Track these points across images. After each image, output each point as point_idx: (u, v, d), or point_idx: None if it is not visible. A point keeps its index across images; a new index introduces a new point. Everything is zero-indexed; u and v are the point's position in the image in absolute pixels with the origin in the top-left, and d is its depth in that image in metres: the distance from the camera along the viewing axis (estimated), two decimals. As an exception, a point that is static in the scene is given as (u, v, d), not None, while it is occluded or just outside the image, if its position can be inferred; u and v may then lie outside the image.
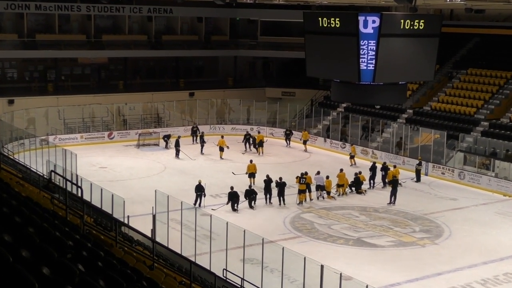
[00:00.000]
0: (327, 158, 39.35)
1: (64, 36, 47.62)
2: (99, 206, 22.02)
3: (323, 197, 30.45)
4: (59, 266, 8.36)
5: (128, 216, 22.35)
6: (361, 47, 18.30)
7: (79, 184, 22.61)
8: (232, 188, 28.24)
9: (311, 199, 29.96)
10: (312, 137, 43.57)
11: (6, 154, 32.24)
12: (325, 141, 42.51)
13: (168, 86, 50.93)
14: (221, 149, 38.34)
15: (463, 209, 29.95)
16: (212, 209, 27.30)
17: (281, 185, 29.17)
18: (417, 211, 29.03)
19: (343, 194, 31.15)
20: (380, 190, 32.45)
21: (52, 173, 21.82)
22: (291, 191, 29.82)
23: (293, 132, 43.44)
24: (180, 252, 18.63)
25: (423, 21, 18.96)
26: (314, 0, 43.59)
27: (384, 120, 42.36)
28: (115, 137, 43.11)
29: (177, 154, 38.26)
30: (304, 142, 41.78)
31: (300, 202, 29.41)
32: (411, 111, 42.54)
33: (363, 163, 36.06)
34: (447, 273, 22.16)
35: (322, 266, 17.32)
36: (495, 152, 35.45)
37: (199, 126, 44.25)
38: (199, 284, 14.26)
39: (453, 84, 43.25)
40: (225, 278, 18.19)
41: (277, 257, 18.51)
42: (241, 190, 28.91)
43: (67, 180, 19.92)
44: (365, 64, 18.43)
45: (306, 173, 30.02)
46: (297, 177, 29.73)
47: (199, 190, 28.23)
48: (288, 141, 43.06)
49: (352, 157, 37.66)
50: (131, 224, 20.02)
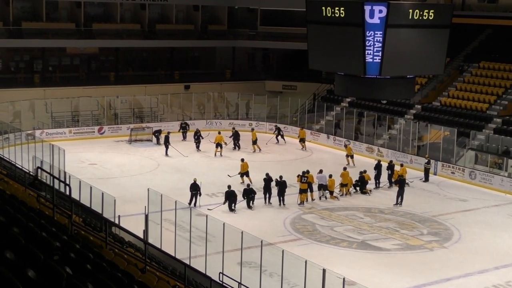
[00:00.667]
0: (330, 156, 39.36)
1: (52, 25, 47.55)
2: (88, 205, 21.99)
3: (326, 197, 30.48)
4: (46, 269, 8.36)
5: (119, 216, 22.36)
6: (367, 38, 18.29)
7: (67, 182, 22.58)
8: (230, 187, 28.27)
9: (313, 199, 29.99)
10: (315, 134, 43.60)
11: (-10, 150, 32.25)
12: (328, 138, 42.53)
13: (162, 79, 50.91)
14: (219, 146, 38.34)
15: (474, 211, 29.98)
16: (208, 209, 27.31)
17: (282, 184, 29.19)
18: (425, 213, 29.05)
19: (347, 194, 31.18)
20: (386, 190, 32.48)
21: (39, 170, 21.82)
22: (292, 191, 29.83)
23: (281, 129, 43.18)
24: (174, 255, 18.63)
25: (433, 11, 18.96)
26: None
27: (391, 116, 42.37)
28: (106, 132, 43.11)
29: (167, 151, 38.23)
30: (302, 140, 41.38)
31: (301, 202, 29.43)
32: (420, 107, 42.55)
33: (369, 162, 36.07)
34: (457, 279, 22.19)
35: (324, 270, 17.33)
36: (508, 151, 35.47)
37: (196, 121, 44.24)
38: (194, 289, 14.26)
39: (464, 78, 43.26)
40: (221, 283, 18.20)
41: (277, 261, 18.52)
42: (239, 189, 28.93)
43: (55, 178, 19.88)
44: (371, 57, 18.43)
45: (308, 172, 30.02)
46: (298, 176, 29.75)
47: (194, 189, 28.26)
48: (277, 139, 42.64)
49: (349, 157, 36.91)
50: (122, 225, 20.03)
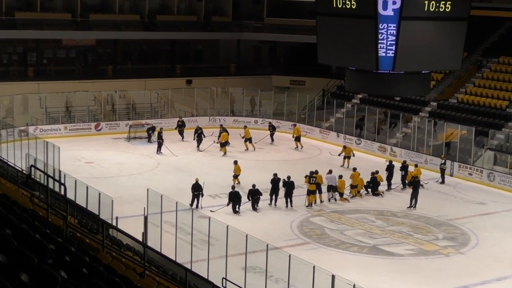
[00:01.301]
0: (341, 156, 39.27)
1: (47, 15, 47.62)
2: (84, 206, 22.06)
3: (335, 199, 30.48)
4: (39, 273, 8.39)
5: (117, 218, 22.38)
6: (380, 31, 18.25)
7: (62, 181, 22.65)
8: (233, 188, 28.31)
9: (322, 201, 29.99)
10: (324, 132, 43.60)
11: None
12: (338, 136, 42.53)
13: (163, 72, 50.96)
14: (225, 144, 38.24)
15: (493, 215, 29.94)
16: (211, 211, 27.36)
17: (289, 185, 29.20)
18: (441, 216, 29.03)
19: (357, 196, 31.17)
20: (399, 192, 32.46)
21: (32, 168, 21.87)
22: (300, 192, 29.83)
23: (275, 127, 42.93)
24: (175, 259, 18.65)
25: (450, 3, 18.90)
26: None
27: (405, 114, 42.32)
28: (103, 129, 43.17)
29: (159, 148, 38.26)
30: (297, 139, 40.95)
31: (309, 205, 29.44)
32: (435, 104, 42.50)
33: (381, 162, 36.05)
34: (474, 286, 22.16)
35: (333, 276, 17.34)
36: (529, 151, 35.44)
37: (199, 118, 44.26)
38: (195, 295, 14.30)
39: (483, 74, 43.19)
40: (224, 288, 18.25)
41: (283, 266, 18.54)
42: (244, 190, 28.94)
43: (49, 176, 19.94)
44: (384, 51, 18.39)
45: (317, 172, 30.03)
46: (306, 176, 29.75)
47: (196, 190, 28.29)
48: (272, 138, 42.33)
49: (347, 158, 36.39)
50: (120, 227, 20.05)
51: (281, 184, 29.37)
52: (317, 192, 29.78)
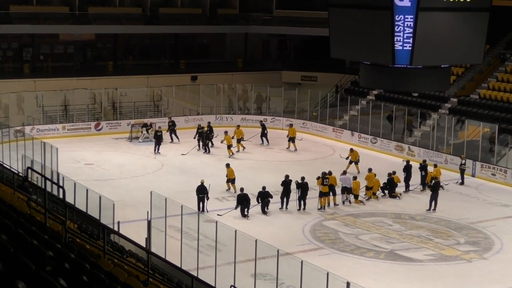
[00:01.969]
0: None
1: (43, 8, 47.78)
2: (84, 210, 22.11)
3: (350, 202, 30.46)
4: (37, 280, 8.41)
5: (119, 222, 22.45)
6: (396, 23, 18.24)
7: (61, 184, 22.72)
8: (242, 190, 28.29)
9: (336, 204, 29.97)
10: (337, 130, 43.58)
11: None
12: (353, 135, 42.50)
13: (166, 68, 51.06)
14: (230, 146, 38.18)
15: (517, 217, 29.89)
16: (218, 215, 27.37)
17: (304, 187, 29.18)
18: (462, 219, 28.96)
19: (373, 198, 31.15)
20: (418, 194, 32.40)
21: (29, 171, 21.93)
22: (312, 194, 29.80)
23: (266, 127, 42.21)
24: (180, 265, 18.69)
25: (471, -8, 18.88)
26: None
27: (423, 111, 42.24)
28: (103, 129, 43.27)
29: (157, 148, 38.32)
30: (291, 140, 40.41)
31: (322, 207, 29.44)
32: (455, 100, 42.41)
33: (397, 162, 35.99)
34: (497, 293, 22.15)
35: (348, 284, 17.32)
36: (556, 150, 35.33)
37: (204, 117, 44.27)
38: (202, 304, 14.31)
39: (506, 68, 43.07)
40: (233, 297, 18.27)
41: (295, 272, 18.54)
42: (253, 193, 28.96)
43: (47, 179, 20.02)
44: (401, 44, 18.38)
45: (330, 173, 30.02)
46: (319, 178, 29.74)
47: (202, 192, 28.29)
48: (262, 138, 41.50)
49: (354, 163, 35.44)
50: (122, 232, 20.10)
51: (295, 186, 29.33)
52: (331, 194, 29.78)
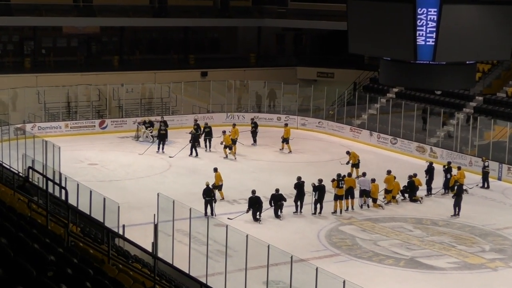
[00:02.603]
0: (374, 157, 39.24)
1: (46, 0, 47.88)
2: (88, 213, 22.17)
3: (368, 205, 30.42)
4: (38, 286, 8.43)
5: (124, 226, 22.48)
6: (419, 17, 18.19)
7: (63, 185, 22.77)
8: (254, 192, 28.29)
9: (352, 208, 29.90)
10: (355, 130, 43.51)
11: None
12: (371, 135, 42.45)
13: (175, 64, 51.10)
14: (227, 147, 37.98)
15: (546, 224, 29.77)
16: (229, 218, 27.39)
17: (321, 189, 29.15)
18: (487, 225, 28.87)
19: (393, 202, 31.08)
20: (440, 198, 32.31)
21: (30, 171, 21.99)
22: (328, 197, 29.75)
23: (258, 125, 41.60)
24: (188, 272, 18.71)
25: (498, -16, 18.82)
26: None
27: (447, 110, 42.13)
28: (108, 127, 43.36)
29: (161, 147, 38.32)
30: (285, 141, 39.81)
31: (336, 211, 29.40)
32: (481, 99, 42.28)
33: (419, 163, 35.90)
34: (524, 304, 22.08)
35: (366, 292, 17.32)
36: None
37: (215, 115, 44.32)
38: (211, 312, 14.32)
39: (535, 65, 42.97)
40: (244, 305, 18.28)
41: (309, 280, 18.52)
42: (265, 195, 28.95)
43: (48, 179, 20.06)
44: (423, 39, 18.33)
45: (350, 175, 30.03)
46: (334, 180, 29.69)
47: (208, 195, 28.27)
48: (254, 138, 41.15)
49: (354, 166, 34.65)
50: (127, 236, 20.14)
51: (310, 189, 29.29)
52: (349, 198, 29.75)
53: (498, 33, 19.51)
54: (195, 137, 38.39)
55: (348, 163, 35.01)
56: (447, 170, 33.01)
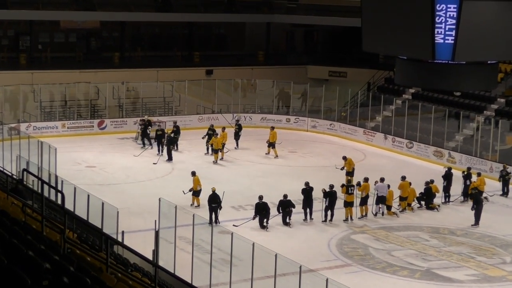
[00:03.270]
0: (388, 161, 39.24)
1: (43, -8, 48.07)
2: (85, 218, 22.20)
3: (382, 213, 30.39)
4: (33, 296, 8.45)
5: (123, 232, 22.50)
6: (437, 13, 18.18)
7: (60, 188, 22.81)
8: (261, 198, 28.29)
9: (364, 215, 29.85)
10: (369, 133, 43.48)
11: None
12: (386, 139, 42.41)
13: (179, 61, 51.15)
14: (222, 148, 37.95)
15: None
16: (234, 225, 27.40)
17: (332, 196, 29.14)
18: (509, 236, 28.81)
19: (408, 210, 31.04)
20: (459, 206, 32.26)
21: (24, 173, 22.03)
22: (339, 204, 29.73)
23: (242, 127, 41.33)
24: (190, 281, 18.74)
25: (523, -21, 18.80)
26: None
27: (466, 112, 42.09)
28: (108, 127, 43.41)
29: (161, 149, 38.29)
30: (271, 145, 39.34)
31: (347, 219, 29.38)
32: (503, 101, 42.24)
33: (436, 169, 35.86)
34: (547, 319, 22.03)
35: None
36: None
37: (220, 116, 44.34)
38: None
39: (561, 65, 42.91)
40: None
41: (319, 291, 18.54)
42: (273, 201, 28.95)
43: (44, 182, 20.09)
44: (442, 37, 18.31)
45: (367, 180, 30.07)
46: (343, 186, 29.67)
47: (214, 202, 28.21)
48: (237, 141, 40.74)
49: (349, 174, 34.13)
50: (127, 243, 20.14)
51: (321, 195, 29.27)
52: (365, 204, 29.74)
53: (522, 32, 19.48)
54: (171, 140, 38.08)
55: (343, 169, 34.89)
56: (467, 176, 32.91)
